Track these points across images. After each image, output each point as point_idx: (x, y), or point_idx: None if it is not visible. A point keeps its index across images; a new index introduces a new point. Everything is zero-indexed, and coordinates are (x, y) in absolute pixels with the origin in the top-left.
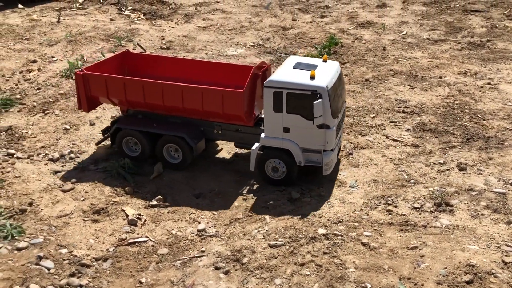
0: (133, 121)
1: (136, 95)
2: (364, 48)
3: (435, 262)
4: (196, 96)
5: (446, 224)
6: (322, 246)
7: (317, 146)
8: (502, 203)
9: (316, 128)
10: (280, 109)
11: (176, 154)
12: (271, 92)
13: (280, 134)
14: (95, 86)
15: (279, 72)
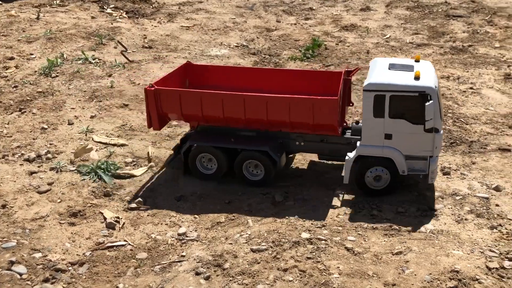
0: (208, 137)
1: (214, 109)
2: (348, 51)
3: (419, 268)
4: (283, 107)
5: (430, 229)
6: (306, 251)
7: (423, 152)
8: (486, 207)
9: (423, 133)
10: (382, 114)
11: (256, 170)
12: (371, 96)
13: (380, 142)
14: (167, 102)
15: (376, 74)
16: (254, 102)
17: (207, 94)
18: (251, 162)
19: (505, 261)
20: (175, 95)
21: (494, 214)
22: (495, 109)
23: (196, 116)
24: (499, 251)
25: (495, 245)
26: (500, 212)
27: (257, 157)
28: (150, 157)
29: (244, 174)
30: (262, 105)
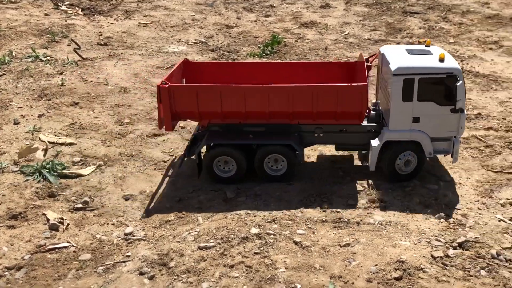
0: (223, 136)
1: (235, 104)
2: (306, 47)
3: (366, 259)
4: (308, 97)
5: (379, 220)
6: (254, 246)
7: (449, 133)
8: (434, 198)
9: (450, 114)
10: (410, 98)
11: (275, 165)
12: (400, 80)
13: (408, 126)
14: (182, 99)
15: (401, 59)
16: (279, 93)
17: (228, 88)
18: (270, 157)
19: (449, 250)
20: (191, 92)
21: (442, 204)
22: None
23: (214, 113)
24: (445, 240)
25: (441, 235)
26: (448, 202)
27: (280, 151)
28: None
29: (266, 170)
30: (287, 97)
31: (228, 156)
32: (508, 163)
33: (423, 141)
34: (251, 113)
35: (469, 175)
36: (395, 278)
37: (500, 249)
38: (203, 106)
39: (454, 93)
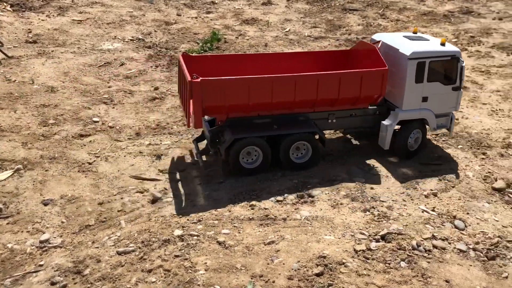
0: (248, 129)
1: (263, 95)
2: (246, 44)
3: (289, 256)
4: (333, 83)
5: (305, 215)
6: (175, 248)
7: (449, 109)
8: (360, 191)
9: (451, 92)
10: (421, 79)
11: (297, 153)
12: (414, 64)
13: (418, 105)
14: (212, 94)
15: (411, 45)
16: (306, 82)
17: (256, 79)
18: (294, 146)
19: (372, 243)
20: (220, 85)
21: (368, 197)
22: None
23: (241, 106)
24: (369, 233)
25: (365, 228)
26: (374, 195)
27: (306, 139)
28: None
29: (292, 159)
30: (312, 84)
31: (256, 147)
32: (435, 155)
33: (429, 118)
34: (277, 104)
35: (397, 167)
36: (316, 274)
37: (421, 240)
38: (231, 100)
39: (456, 72)
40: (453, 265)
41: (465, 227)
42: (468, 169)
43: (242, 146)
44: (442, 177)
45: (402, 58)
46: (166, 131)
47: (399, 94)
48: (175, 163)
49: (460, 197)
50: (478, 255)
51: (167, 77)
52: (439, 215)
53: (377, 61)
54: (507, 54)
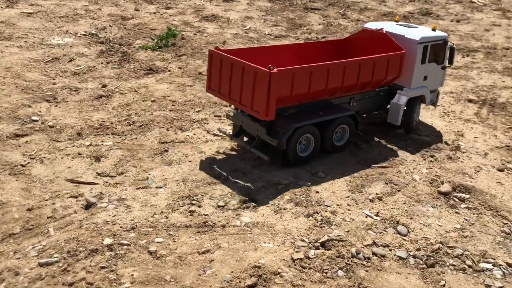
0: (300, 117)
1: (320, 82)
2: (204, 41)
3: (223, 267)
4: (370, 67)
5: (246, 222)
6: (102, 259)
7: (437, 85)
8: (305, 195)
9: (441, 70)
10: (425, 61)
11: (335, 136)
12: (422, 47)
13: (420, 83)
14: (283, 84)
15: (414, 31)
16: (351, 67)
17: (317, 67)
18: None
19: (311, 251)
20: (290, 75)
21: (312, 201)
22: None
23: (302, 95)
24: (309, 240)
25: (307, 234)
26: (319, 199)
27: (346, 122)
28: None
29: (334, 142)
30: (355, 69)
31: (309, 134)
32: (382, 158)
33: (426, 94)
34: (331, 90)
35: (344, 170)
36: (249, 286)
37: (361, 247)
38: (296, 89)
39: (444, 53)
40: (391, 273)
41: (408, 232)
42: (415, 172)
43: (300, 134)
44: (389, 180)
45: (411, 43)
46: (109, 131)
47: (408, 74)
48: (115, 165)
49: (405, 201)
50: (417, 263)
51: (117, 74)
52: (383, 220)
53: (391, 45)
54: (463, 56)
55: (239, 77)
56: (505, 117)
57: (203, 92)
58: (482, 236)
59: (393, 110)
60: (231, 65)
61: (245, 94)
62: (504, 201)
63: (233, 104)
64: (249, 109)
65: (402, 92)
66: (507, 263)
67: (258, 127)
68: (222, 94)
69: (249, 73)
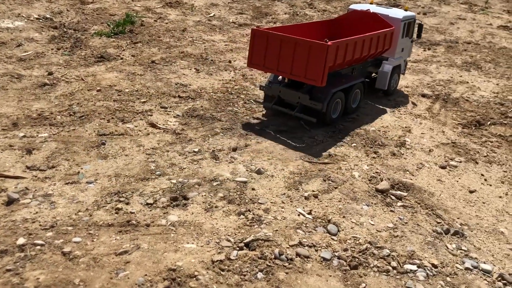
0: (331, 84)
1: (351, 53)
2: (163, 28)
3: (138, 269)
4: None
5: (173, 221)
6: (10, 261)
7: (407, 56)
8: (240, 192)
9: (411, 43)
10: (403, 35)
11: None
12: (403, 24)
13: (400, 54)
14: (333, 55)
15: (396, 12)
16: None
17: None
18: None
19: (233, 252)
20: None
21: (246, 199)
22: None
23: (339, 64)
24: (235, 240)
25: (234, 233)
26: (253, 197)
27: (360, 87)
28: None
29: (351, 103)
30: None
31: (339, 99)
32: (326, 153)
33: (402, 64)
34: (354, 60)
35: (284, 166)
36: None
37: (287, 247)
38: (339, 59)
39: (413, 29)
40: (312, 275)
41: (338, 231)
42: (356, 168)
43: (335, 98)
44: (327, 177)
45: (396, 21)
46: (47, 122)
47: (393, 47)
48: (47, 158)
49: (341, 199)
50: (341, 264)
51: (67, 61)
52: (314, 218)
53: (380, 23)
54: (424, 50)
55: (290, 51)
56: (456, 113)
57: (153, 81)
58: (413, 236)
59: (381, 77)
60: (280, 41)
61: (297, 65)
62: (441, 199)
63: (282, 75)
64: (303, 78)
65: (387, 62)
66: (433, 264)
67: (299, 94)
68: (268, 67)
69: (304, 47)
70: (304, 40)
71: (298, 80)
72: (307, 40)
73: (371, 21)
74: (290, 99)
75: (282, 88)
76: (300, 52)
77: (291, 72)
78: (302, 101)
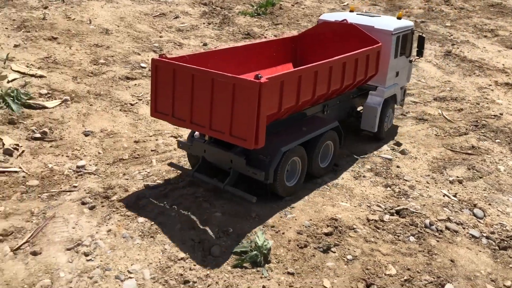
0: (282, 136)
1: (308, 90)
2: (301, 13)
3: (303, 214)
4: (352, 66)
5: (326, 181)
6: None
7: (404, 82)
8: (386, 168)
9: (408, 64)
10: (397, 54)
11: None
12: (395, 39)
13: (393, 81)
14: (272, 97)
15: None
16: (338, 66)
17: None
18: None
19: (386, 215)
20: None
21: (392, 174)
22: (427, 81)
23: (289, 109)
24: (385, 207)
25: (383, 201)
26: (398, 173)
27: (332, 137)
28: None
29: (319, 163)
30: (341, 69)
31: (298, 158)
32: (468, 145)
33: (398, 93)
34: (318, 97)
35: (427, 151)
36: (325, 233)
37: (435, 220)
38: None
39: (411, 45)
40: (462, 247)
41: (484, 216)
42: (501, 163)
43: (287, 159)
44: (472, 166)
45: (384, 34)
46: None
47: (382, 71)
48: None
49: (485, 188)
50: (490, 243)
51: (217, 35)
52: (460, 201)
53: (361, 38)
54: None
55: (207, 94)
56: None
57: None
58: None
59: (368, 114)
60: (193, 77)
61: (218, 115)
62: None
63: (198, 130)
64: (228, 135)
65: (376, 93)
66: None
67: (232, 157)
68: (178, 118)
69: (225, 87)
70: (225, 76)
71: (221, 139)
72: (229, 76)
73: (348, 36)
74: (219, 162)
75: (207, 146)
76: (220, 95)
77: (210, 127)
78: (235, 166)
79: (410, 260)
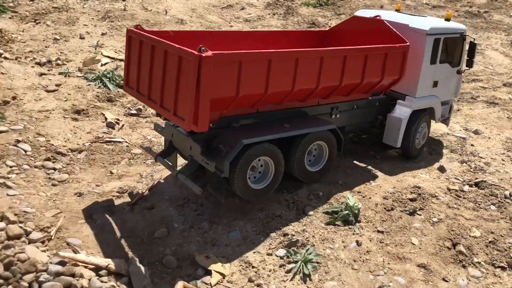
0: (256, 130)
1: (283, 80)
2: (362, 3)
3: (386, 183)
4: (359, 62)
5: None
6: None
7: (450, 96)
8: (461, 145)
9: (456, 75)
10: (435, 60)
11: (308, 158)
12: (432, 41)
13: (429, 91)
14: (221, 77)
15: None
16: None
17: (280, 54)
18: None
19: (465, 186)
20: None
21: (467, 151)
22: (494, 68)
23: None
24: (463, 179)
25: (461, 175)
26: (473, 151)
27: (324, 138)
28: None
29: (307, 167)
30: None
31: (266, 157)
32: None
33: (436, 107)
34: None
35: (500, 132)
36: (410, 199)
37: None
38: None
39: (461, 53)
40: None
41: None
42: None
43: (252, 156)
44: None
45: (418, 34)
46: None
47: (412, 78)
48: None
49: None
50: None
51: (283, 24)
52: None
53: (390, 37)
54: None
55: (160, 67)
56: None
57: None
58: None
59: (391, 126)
60: (152, 49)
61: (167, 92)
62: None
63: (152, 107)
64: (172, 115)
65: (403, 102)
66: None
67: (191, 143)
68: (141, 93)
69: (172, 59)
70: (173, 47)
71: (167, 118)
72: (176, 47)
73: (377, 34)
74: (182, 148)
75: (174, 130)
76: (170, 69)
77: (161, 103)
78: (193, 153)
79: (493, 225)
